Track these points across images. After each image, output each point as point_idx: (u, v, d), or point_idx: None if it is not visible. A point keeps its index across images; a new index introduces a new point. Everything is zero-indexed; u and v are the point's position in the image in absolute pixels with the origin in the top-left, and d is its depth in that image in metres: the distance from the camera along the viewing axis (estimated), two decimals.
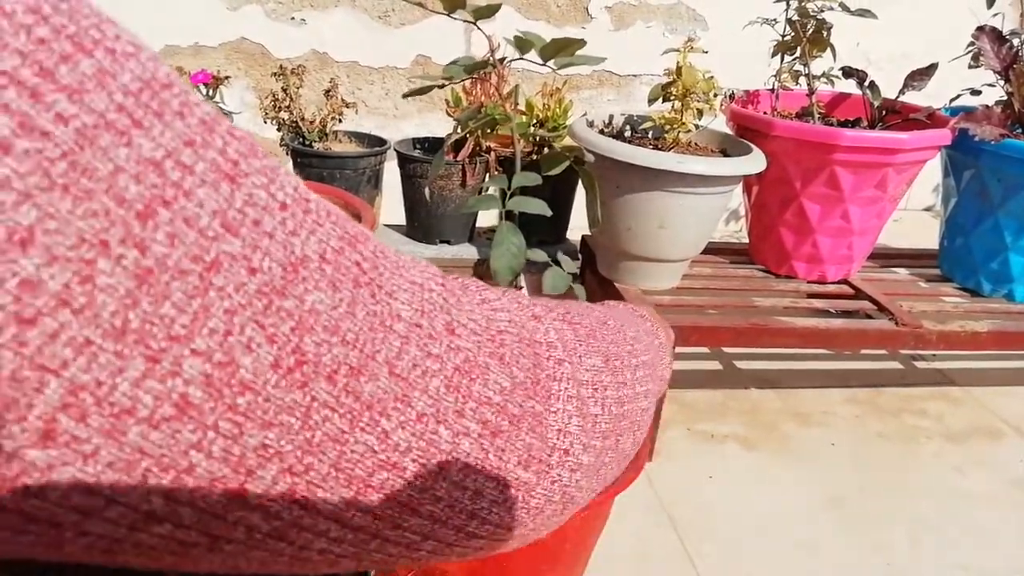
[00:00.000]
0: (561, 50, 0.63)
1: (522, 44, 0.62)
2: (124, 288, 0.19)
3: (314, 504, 0.25)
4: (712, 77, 1.16)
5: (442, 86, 0.68)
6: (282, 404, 0.23)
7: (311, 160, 1.32)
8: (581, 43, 0.63)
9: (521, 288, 0.77)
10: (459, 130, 1.12)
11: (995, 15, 1.30)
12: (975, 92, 1.36)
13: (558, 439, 0.32)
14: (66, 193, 0.18)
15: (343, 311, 0.25)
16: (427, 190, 1.07)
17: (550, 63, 0.64)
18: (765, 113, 1.34)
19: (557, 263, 0.69)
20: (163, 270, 0.20)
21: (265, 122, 1.37)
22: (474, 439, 0.29)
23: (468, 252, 1.40)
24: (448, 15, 0.63)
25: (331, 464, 0.25)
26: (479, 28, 0.63)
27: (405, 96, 0.70)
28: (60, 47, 0.19)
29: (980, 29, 1.30)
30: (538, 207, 0.63)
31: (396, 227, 1.44)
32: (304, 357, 0.23)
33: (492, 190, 0.65)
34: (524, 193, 0.64)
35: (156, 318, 0.20)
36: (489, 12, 0.62)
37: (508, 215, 0.63)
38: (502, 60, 0.68)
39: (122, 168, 0.20)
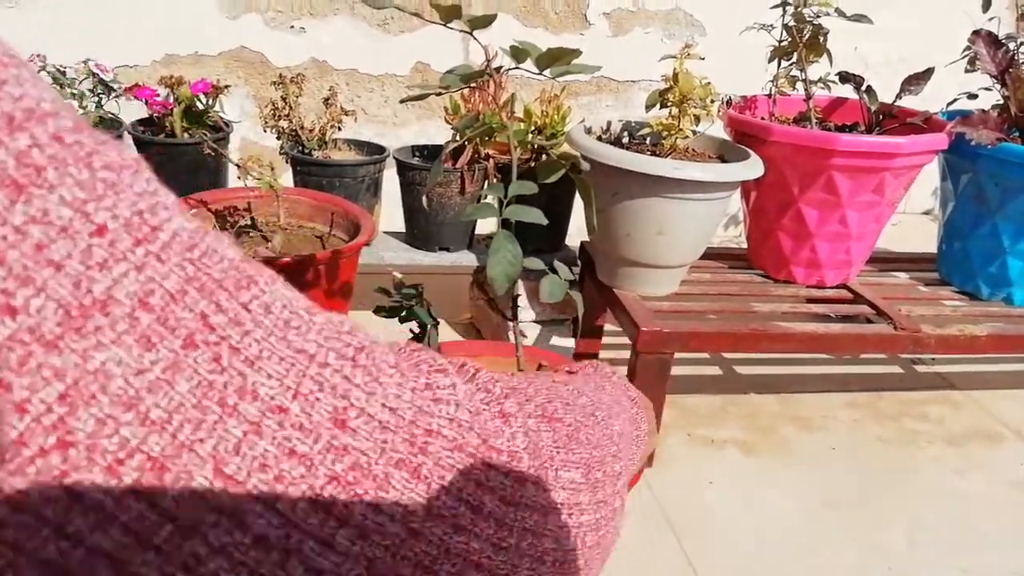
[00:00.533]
0: (557, 59, 0.64)
1: (518, 53, 0.63)
2: None
3: None
4: (709, 83, 1.17)
5: (439, 94, 0.68)
6: (33, 498, 0.17)
7: (310, 168, 1.33)
8: (576, 52, 0.63)
9: (519, 295, 0.78)
10: (457, 138, 1.12)
11: (991, 19, 1.31)
12: (972, 96, 1.36)
13: None
14: None
15: (154, 378, 0.18)
16: (424, 198, 1.08)
17: (545, 72, 0.65)
18: (762, 118, 1.35)
19: (554, 271, 0.69)
20: None
21: (265, 131, 1.37)
22: None
23: (467, 259, 1.41)
24: (444, 25, 0.63)
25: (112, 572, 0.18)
26: (475, 38, 0.63)
27: (402, 102, 0.71)
28: None
29: (976, 33, 1.30)
30: (534, 216, 0.63)
31: (396, 234, 1.45)
32: (71, 437, 0.17)
33: (489, 198, 0.65)
34: (521, 201, 0.64)
35: None
36: (485, 22, 0.63)
37: (505, 223, 0.64)
38: (498, 69, 0.69)
39: None
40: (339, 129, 1.39)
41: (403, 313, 0.78)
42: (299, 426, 0.20)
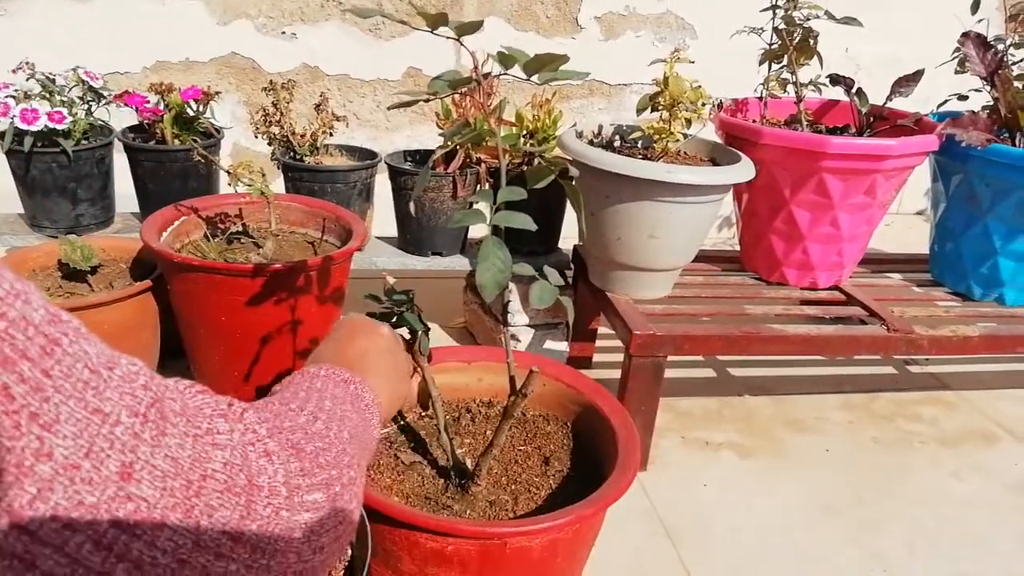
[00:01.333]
0: (544, 65, 0.64)
1: (505, 60, 0.63)
2: None
3: None
4: (700, 86, 1.17)
5: (427, 100, 0.68)
6: None
7: (302, 174, 1.33)
8: (564, 58, 0.63)
9: (509, 301, 0.78)
10: (448, 143, 1.12)
11: (980, 20, 1.31)
12: (962, 98, 1.37)
13: None
14: None
15: None
16: (412, 203, 1.07)
17: (534, 78, 0.64)
18: (754, 121, 1.35)
19: (545, 276, 0.69)
20: None
21: (256, 137, 1.37)
22: None
23: (460, 263, 1.40)
24: (431, 32, 0.63)
25: None
26: (463, 44, 0.63)
27: (390, 108, 0.70)
28: None
29: (965, 35, 1.31)
30: (523, 222, 0.63)
31: (388, 239, 1.44)
32: None
33: (478, 205, 0.65)
34: (512, 206, 0.64)
35: None
36: (471, 28, 0.62)
37: (495, 229, 0.63)
38: (487, 75, 0.68)
39: None
40: (331, 135, 1.39)
41: (394, 319, 0.78)
42: (88, 480, 0.23)
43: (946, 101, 1.40)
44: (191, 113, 1.39)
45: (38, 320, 0.23)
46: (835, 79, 1.34)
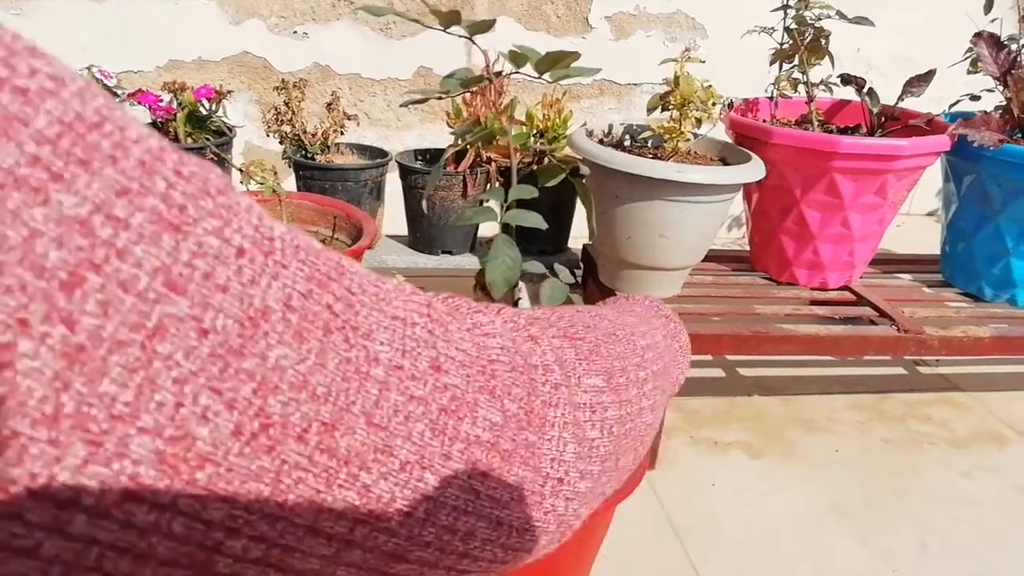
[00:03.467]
0: (556, 63, 0.64)
1: (516, 58, 0.63)
2: (52, 370, 0.17)
3: (291, 565, 0.24)
4: (710, 86, 1.17)
5: (439, 98, 0.69)
6: (248, 472, 0.21)
7: (313, 172, 1.33)
8: (575, 55, 0.63)
9: (519, 300, 0.78)
10: (458, 142, 1.13)
11: (993, 20, 1.30)
12: (974, 98, 1.36)
13: (552, 468, 0.31)
14: None
15: (312, 363, 0.22)
16: (424, 202, 1.08)
17: (545, 76, 0.65)
18: (764, 121, 1.35)
19: (555, 274, 0.69)
20: (97, 344, 0.18)
21: (267, 135, 1.38)
22: (463, 480, 0.27)
23: (470, 262, 1.41)
24: (444, 30, 0.63)
25: (307, 527, 0.23)
26: (475, 43, 0.64)
27: (402, 106, 0.71)
28: None
29: (978, 35, 1.30)
30: (534, 220, 0.63)
31: (399, 238, 1.45)
32: (269, 420, 0.21)
33: (490, 202, 0.66)
34: (523, 205, 0.65)
35: (93, 398, 0.18)
36: (484, 27, 0.63)
37: (505, 227, 0.64)
38: (498, 73, 0.69)
39: (39, 232, 0.17)
40: (342, 133, 1.39)
41: None
42: (412, 376, 0.26)
43: (958, 101, 1.39)
44: (204, 112, 1.40)
45: (319, 248, 0.25)
46: (846, 79, 1.34)
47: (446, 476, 0.27)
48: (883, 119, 1.38)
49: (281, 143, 1.37)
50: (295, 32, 1.74)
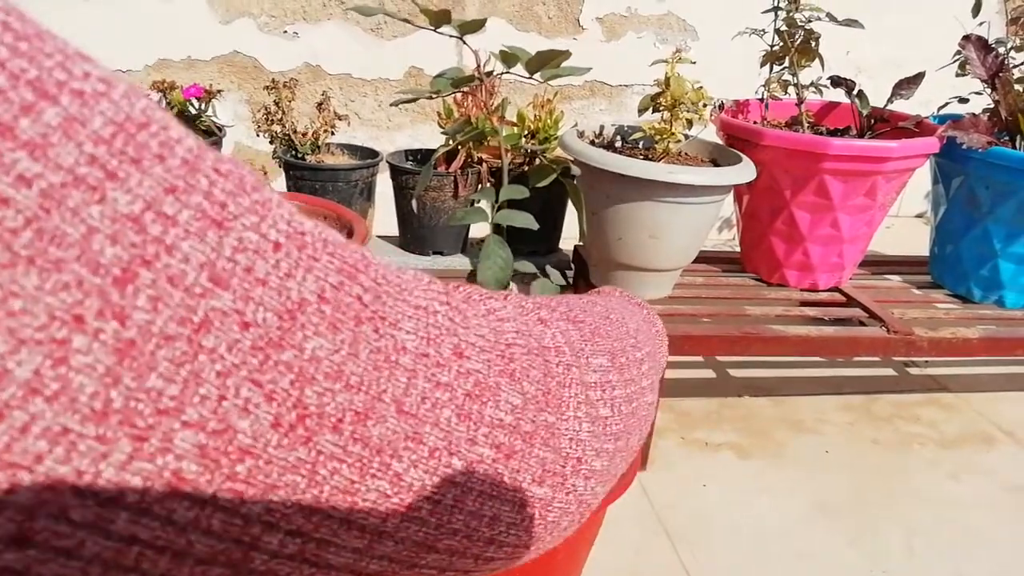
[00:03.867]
0: (546, 63, 0.64)
1: (507, 58, 0.63)
2: (104, 365, 0.17)
3: (326, 560, 0.24)
4: (701, 87, 1.17)
5: (430, 98, 0.68)
6: (286, 464, 0.21)
7: (303, 173, 1.33)
8: (566, 55, 0.63)
9: None
10: (449, 142, 1.13)
11: (981, 23, 1.31)
12: (963, 100, 1.37)
13: (571, 448, 0.32)
14: (31, 266, 0.16)
15: (346, 353, 0.23)
16: (414, 202, 1.07)
17: (536, 76, 0.65)
18: (755, 123, 1.35)
19: (546, 275, 0.69)
20: (146, 339, 0.18)
21: (258, 135, 1.37)
22: (488, 464, 0.28)
23: (461, 263, 1.41)
24: (434, 30, 0.63)
25: (342, 518, 0.23)
26: (465, 43, 0.63)
27: (392, 105, 0.71)
28: (20, 96, 0.17)
29: (966, 38, 1.31)
30: (525, 220, 0.63)
31: (390, 238, 1.45)
32: (307, 410, 0.22)
33: (481, 203, 0.65)
34: (514, 205, 0.64)
35: (141, 393, 0.18)
36: (474, 27, 0.63)
37: (496, 228, 0.64)
38: (488, 73, 0.69)
39: (96, 229, 0.17)
40: (332, 134, 1.39)
41: None
42: (437, 363, 0.26)
43: (947, 104, 1.40)
44: (193, 111, 1.39)
45: (344, 241, 0.25)
46: (836, 81, 1.35)
47: (472, 460, 0.27)
48: (873, 121, 1.38)
49: (271, 143, 1.37)
50: (285, 32, 1.73)
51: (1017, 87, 1.28)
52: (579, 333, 0.36)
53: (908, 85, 1.35)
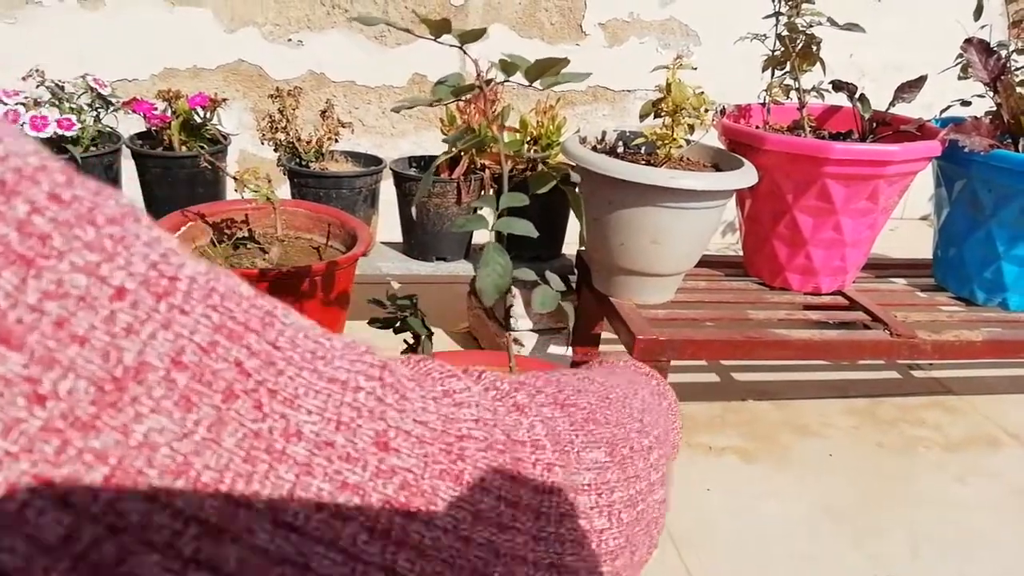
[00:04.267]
0: (545, 70, 0.64)
1: (507, 67, 0.63)
2: None
3: None
4: (703, 92, 1.17)
5: (431, 105, 0.69)
6: None
7: (308, 180, 1.34)
8: (565, 62, 0.64)
9: (512, 306, 0.78)
10: (451, 149, 1.13)
11: (983, 27, 1.31)
12: (965, 103, 1.37)
13: None
14: None
15: (199, 439, 0.18)
16: (414, 208, 1.08)
17: (536, 84, 0.65)
18: (757, 127, 1.36)
19: (547, 281, 0.70)
20: None
21: (262, 143, 1.38)
22: None
23: (464, 268, 1.41)
24: (435, 40, 0.64)
25: None
26: (466, 52, 0.64)
27: (393, 110, 0.71)
28: None
29: (968, 41, 1.31)
30: (524, 228, 0.64)
31: (393, 245, 1.45)
32: (124, 520, 0.16)
33: (482, 210, 0.66)
34: (515, 212, 0.65)
35: None
36: (474, 36, 0.63)
37: (497, 235, 0.64)
38: (489, 81, 0.69)
39: None
40: (336, 141, 1.40)
41: (397, 324, 0.78)
42: (346, 456, 0.20)
43: (949, 107, 1.40)
44: (198, 120, 1.40)
45: (246, 293, 0.20)
46: (838, 85, 1.35)
47: None
48: (875, 125, 1.39)
49: (276, 151, 1.38)
50: (290, 40, 1.75)
51: (1019, 90, 1.28)
52: (568, 421, 0.29)
53: (910, 88, 1.36)
